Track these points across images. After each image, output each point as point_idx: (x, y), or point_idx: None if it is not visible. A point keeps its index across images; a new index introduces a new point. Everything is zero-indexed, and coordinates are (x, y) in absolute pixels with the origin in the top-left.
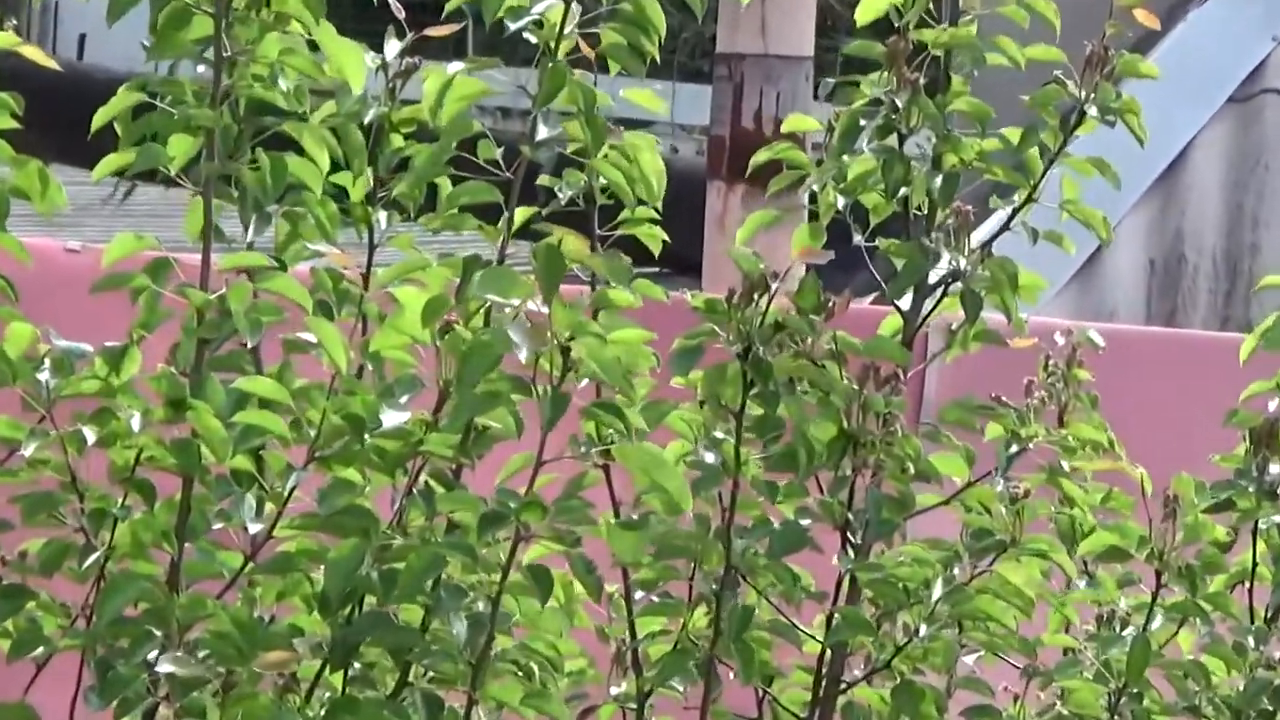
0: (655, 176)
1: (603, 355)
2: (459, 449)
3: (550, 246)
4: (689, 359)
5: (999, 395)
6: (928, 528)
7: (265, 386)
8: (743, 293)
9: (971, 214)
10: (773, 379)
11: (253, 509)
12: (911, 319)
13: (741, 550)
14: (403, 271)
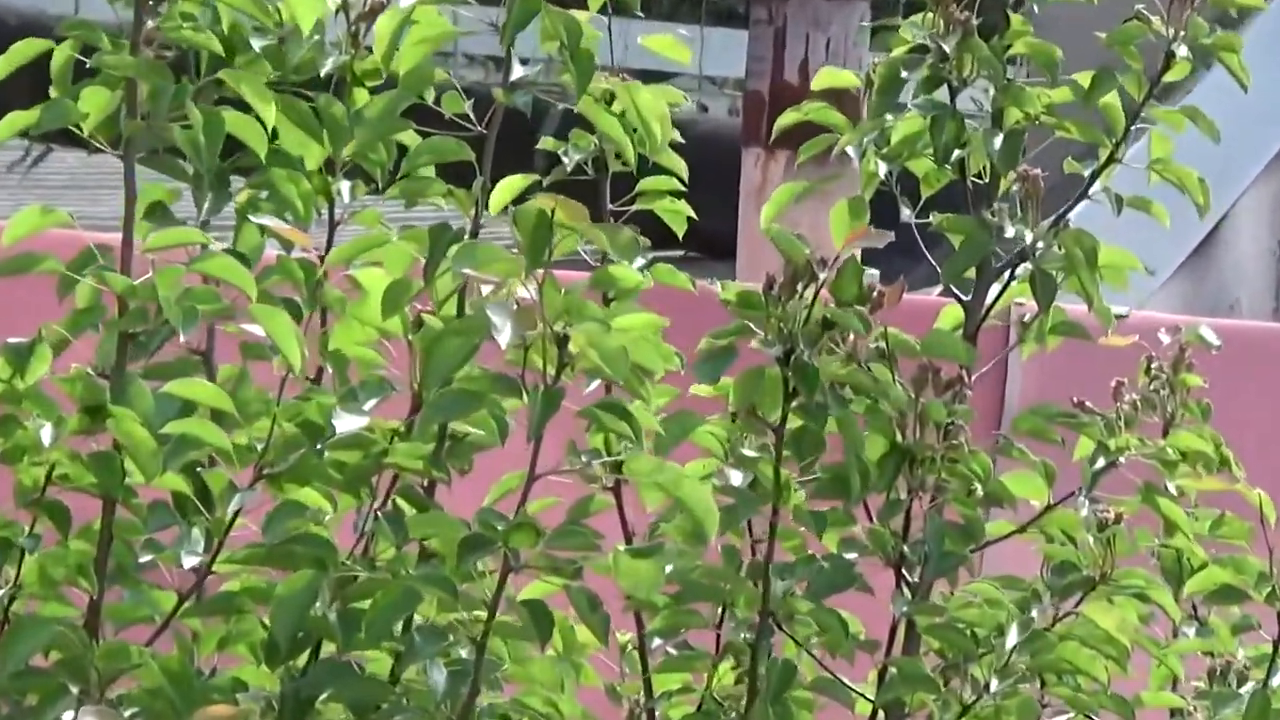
0: (656, 121)
1: (605, 344)
2: (431, 461)
3: (538, 211)
4: (718, 362)
5: (1083, 400)
6: (1000, 562)
7: (201, 390)
8: (784, 283)
9: (1041, 179)
10: (819, 387)
11: (189, 539)
12: (974, 309)
13: (780, 591)
14: (360, 249)
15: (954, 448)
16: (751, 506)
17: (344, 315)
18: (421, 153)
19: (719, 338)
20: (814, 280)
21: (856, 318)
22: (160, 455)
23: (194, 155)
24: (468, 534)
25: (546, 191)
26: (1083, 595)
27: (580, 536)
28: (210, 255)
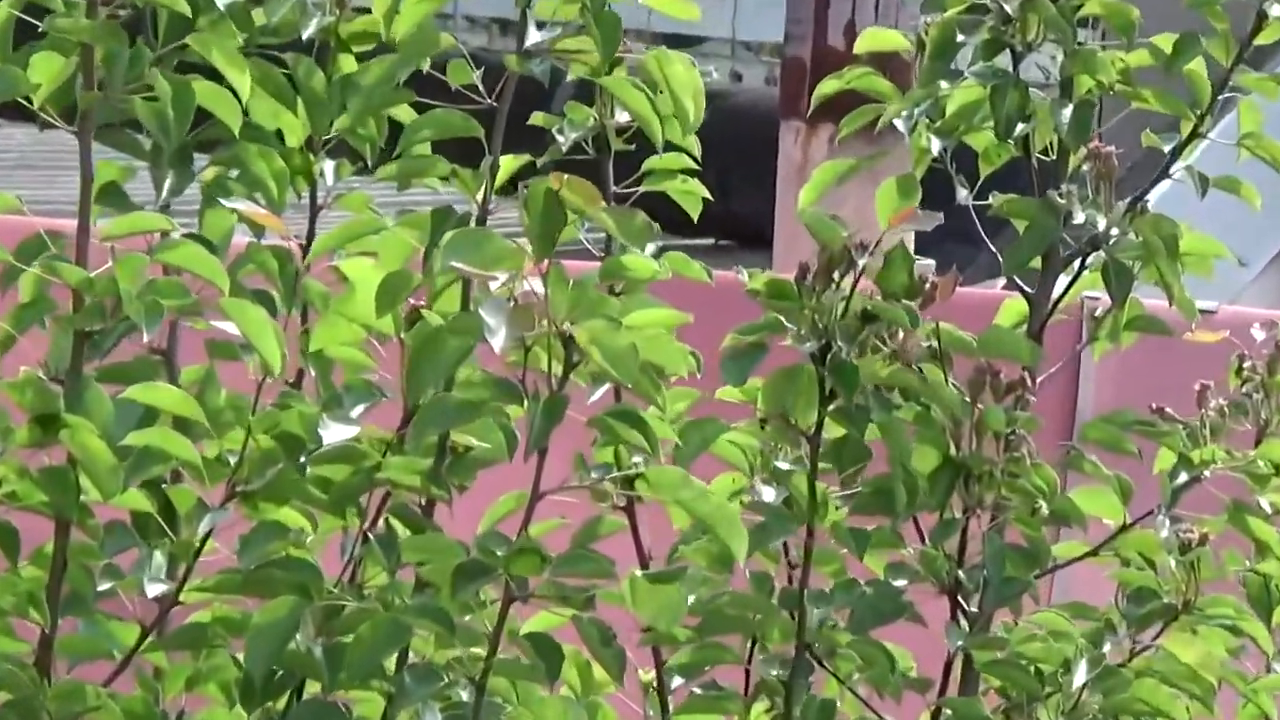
0: (691, 96)
1: (610, 342)
2: (429, 477)
3: (547, 192)
4: (746, 361)
5: (1162, 406)
6: (1068, 589)
7: (166, 396)
8: (819, 271)
9: (1115, 157)
10: (859, 389)
11: (154, 564)
12: (1040, 303)
13: (819, 622)
14: (349, 236)
15: (1016, 460)
16: (784, 525)
17: (328, 312)
18: (423, 128)
19: (747, 333)
20: (852, 268)
21: (902, 310)
22: (120, 470)
23: (159, 131)
24: (464, 560)
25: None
26: (1163, 626)
27: (591, 562)
28: (175, 243)
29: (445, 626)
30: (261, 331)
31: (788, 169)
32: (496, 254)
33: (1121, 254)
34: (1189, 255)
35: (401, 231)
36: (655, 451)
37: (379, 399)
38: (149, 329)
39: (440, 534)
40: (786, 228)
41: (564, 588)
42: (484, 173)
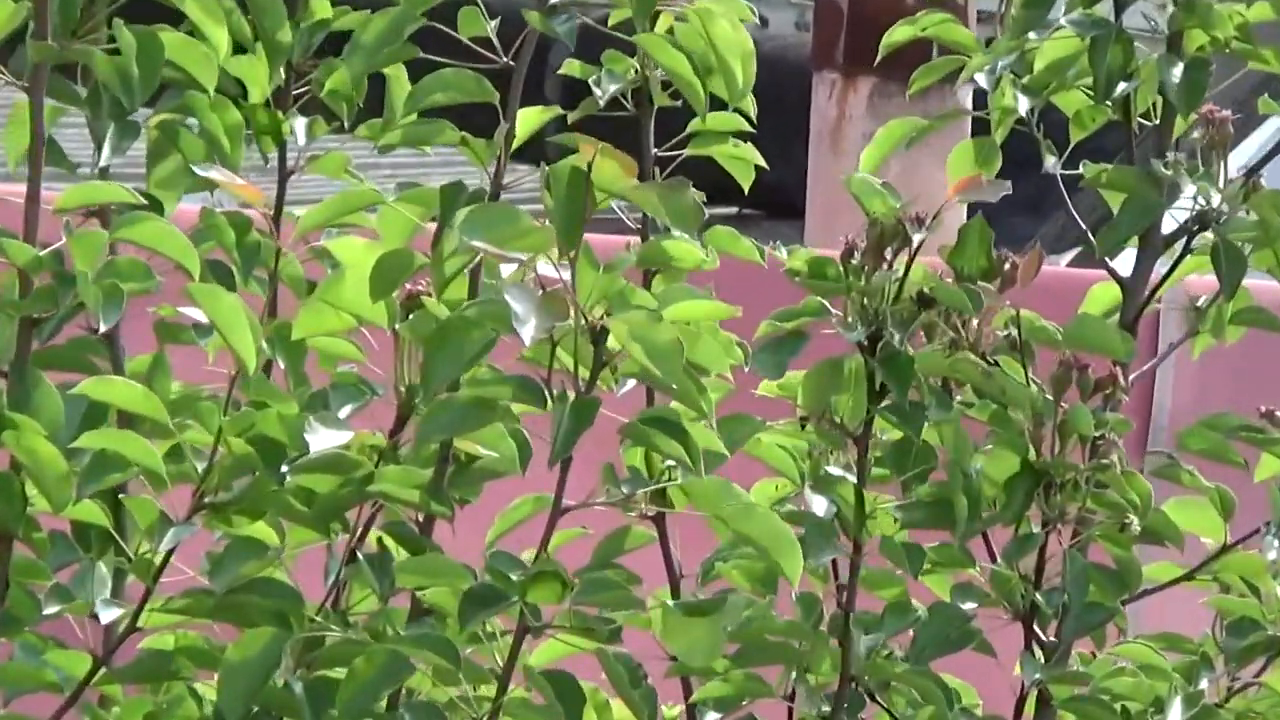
0: (739, 58)
1: (654, 338)
2: (429, 490)
3: (574, 169)
4: (784, 352)
5: (1272, 409)
6: (1160, 617)
7: (125, 392)
8: (868, 248)
9: (1231, 124)
10: (915, 384)
11: (107, 584)
12: (1136, 289)
13: (867, 651)
14: (341, 210)
15: (1103, 468)
16: (827, 542)
17: (312, 298)
18: (432, 90)
19: (785, 319)
20: (907, 244)
21: (963, 293)
22: (72, 478)
23: (122, 89)
24: (474, 586)
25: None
26: (1268, 661)
27: (618, 591)
28: (138, 219)
29: (450, 660)
30: (235, 321)
31: (821, 127)
32: (520, 234)
33: (1234, 235)
34: None
35: (403, 207)
36: (697, 464)
37: (369, 399)
38: (107, 319)
39: (442, 555)
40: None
41: (587, 618)
42: (498, 141)
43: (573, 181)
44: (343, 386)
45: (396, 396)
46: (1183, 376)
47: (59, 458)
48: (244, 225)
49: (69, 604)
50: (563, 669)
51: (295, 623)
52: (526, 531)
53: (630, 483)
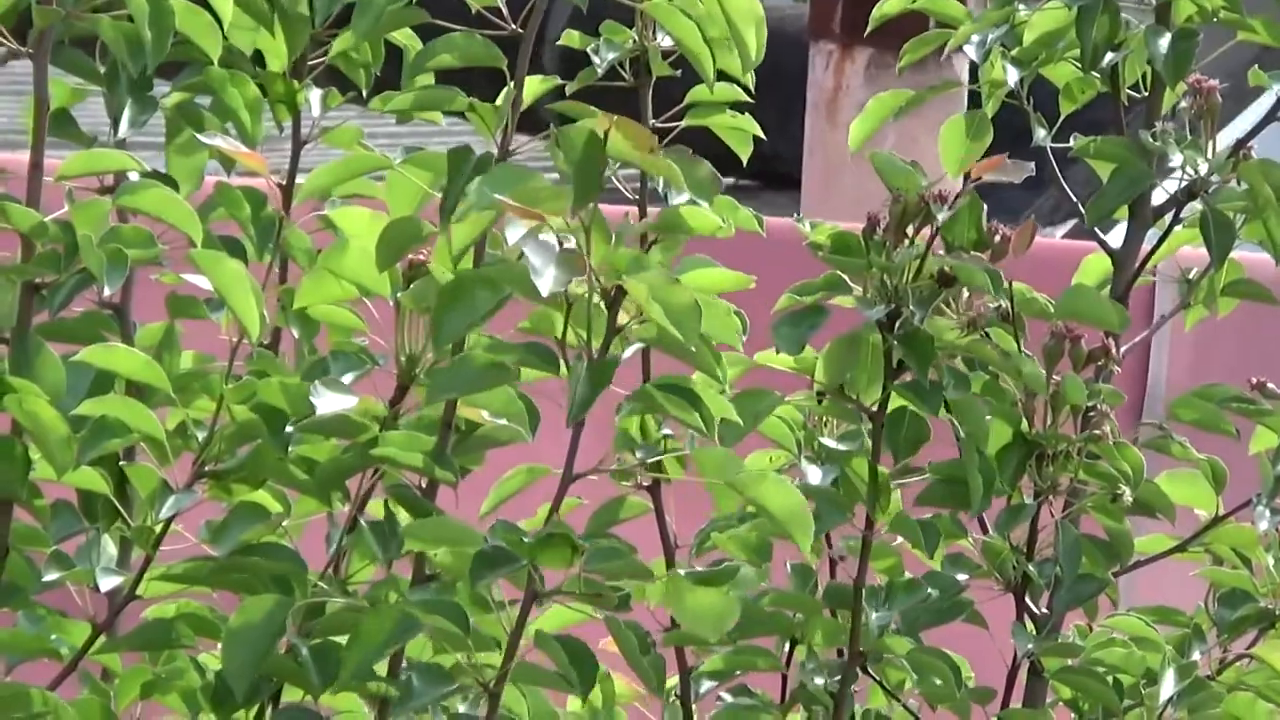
0: (752, 26)
1: (674, 299)
2: (434, 456)
3: (590, 134)
4: (805, 326)
5: (1263, 381)
6: (1152, 589)
7: (126, 359)
8: (891, 225)
9: (1220, 95)
10: (935, 361)
11: (108, 553)
12: (1127, 260)
13: (878, 626)
14: (345, 175)
15: (1096, 439)
16: (837, 514)
17: (314, 267)
18: (439, 52)
19: (805, 293)
20: (930, 221)
21: (984, 273)
22: (74, 444)
23: (131, 58)
24: (484, 548)
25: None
26: (1259, 633)
27: (627, 559)
28: (141, 186)
29: (459, 624)
30: (238, 288)
31: (818, 98)
32: (536, 195)
33: (1224, 206)
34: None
35: (411, 172)
36: (712, 432)
37: (371, 367)
38: (110, 283)
39: (450, 518)
40: (818, 166)
41: (597, 585)
42: (505, 108)
43: (589, 146)
44: (343, 355)
45: (396, 366)
46: (1178, 348)
47: (61, 421)
48: (259, 200)
49: (69, 571)
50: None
51: (298, 588)
52: (518, 502)
53: (646, 449)
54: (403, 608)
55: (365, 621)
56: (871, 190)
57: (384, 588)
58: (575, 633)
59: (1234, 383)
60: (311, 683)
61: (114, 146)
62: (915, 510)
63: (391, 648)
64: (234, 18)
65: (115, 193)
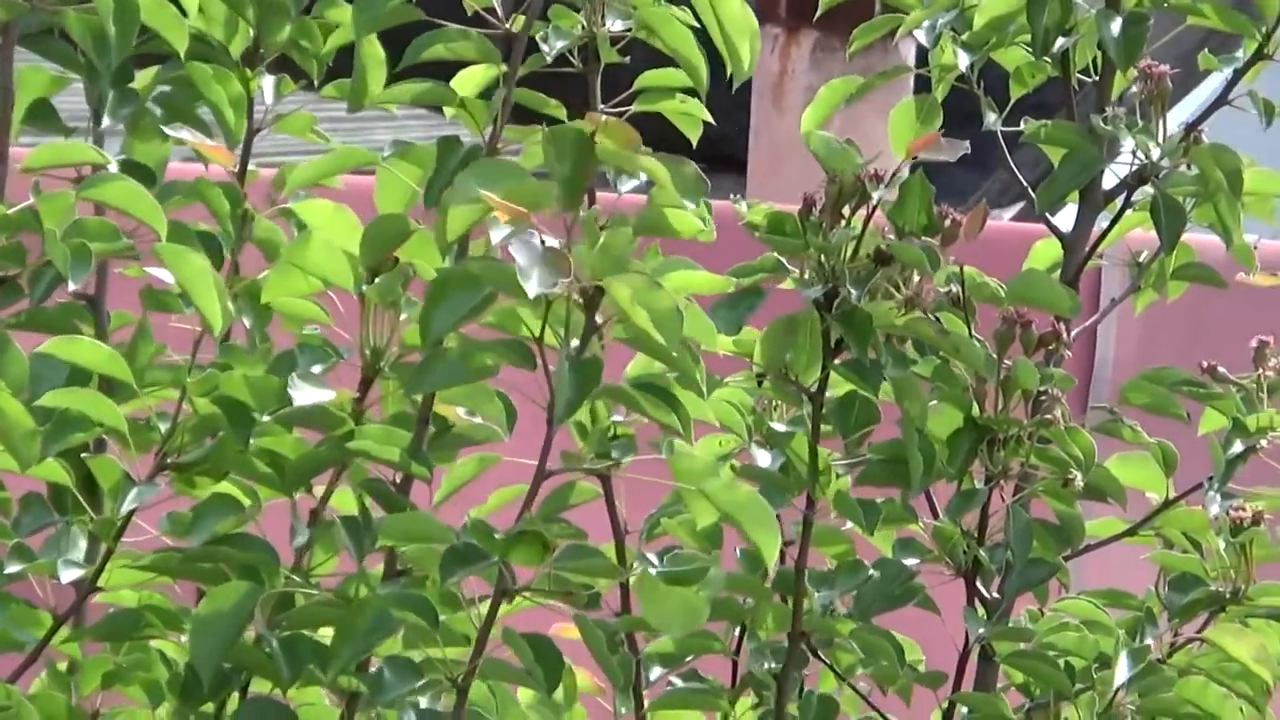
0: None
1: (656, 304)
2: (410, 452)
3: (579, 133)
4: (743, 308)
5: (1214, 364)
6: (1103, 573)
7: (90, 352)
8: (827, 205)
9: (1170, 79)
10: (873, 340)
11: (72, 544)
12: (1077, 245)
13: (821, 608)
14: (332, 169)
15: (1047, 424)
16: (781, 497)
17: (279, 261)
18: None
19: (742, 275)
20: (866, 201)
21: (921, 252)
22: (38, 437)
23: (97, 52)
24: (456, 544)
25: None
26: (1209, 617)
27: (597, 558)
28: (106, 179)
29: (428, 619)
30: (202, 283)
31: (764, 81)
32: (523, 192)
33: (1175, 190)
34: (1247, 194)
35: (400, 165)
36: (689, 435)
37: (335, 361)
38: (74, 277)
39: (425, 514)
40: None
41: (567, 582)
42: (496, 104)
43: (579, 147)
44: (309, 348)
45: (361, 359)
46: (1125, 331)
47: (25, 414)
48: (237, 196)
49: (30, 563)
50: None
51: (269, 578)
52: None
53: (617, 447)
54: (380, 604)
55: (352, 615)
56: (817, 172)
57: (354, 582)
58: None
59: (1181, 364)
60: (281, 675)
61: (94, 137)
62: (858, 491)
63: (374, 641)
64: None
65: (80, 186)
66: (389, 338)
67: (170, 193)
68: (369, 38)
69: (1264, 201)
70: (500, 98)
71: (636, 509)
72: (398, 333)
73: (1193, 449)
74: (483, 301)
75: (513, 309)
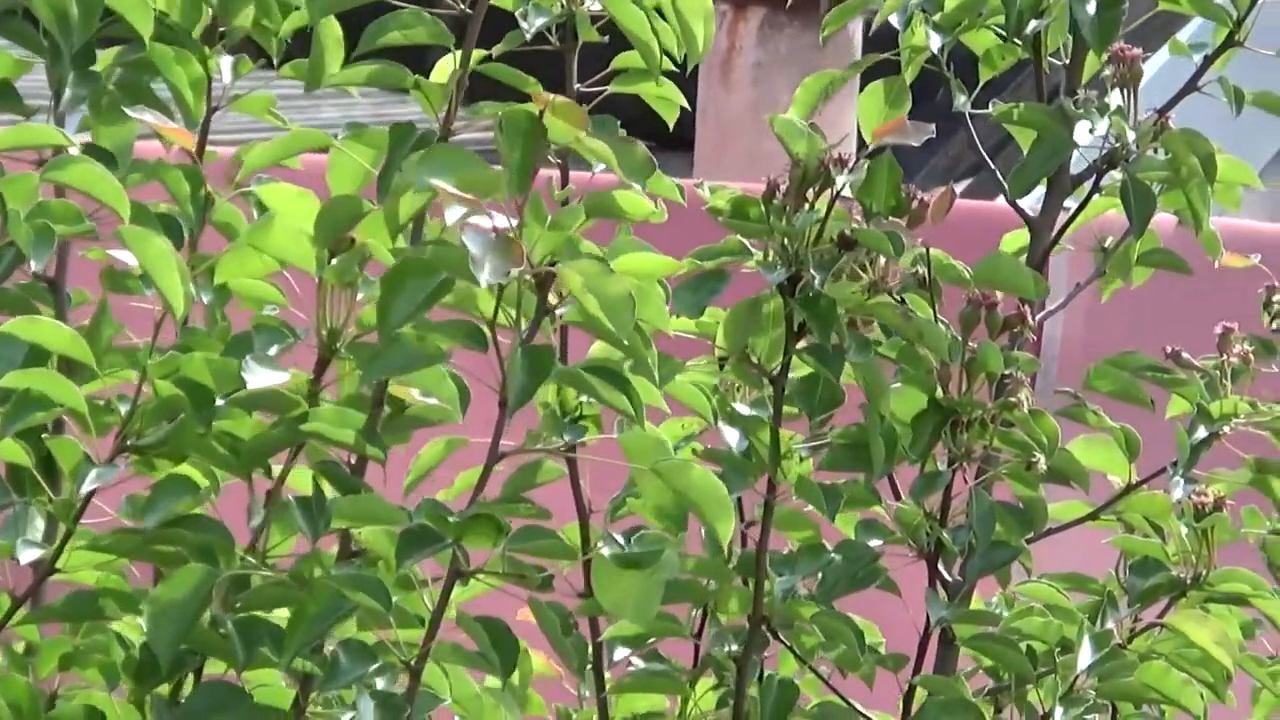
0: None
1: (608, 290)
2: (365, 433)
3: (529, 116)
4: (705, 291)
5: (1178, 350)
6: (1065, 556)
7: (51, 333)
8: (790, 189)
9: (1141, 62)
10: (836, 324)
11: (39, 527)
12: (1044, 229)
13: (782, 592)
14: (286, 152)
15: (1010, 407)
16: (743, 480)
17: (237, 241)
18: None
19: (705, 257)
20: (829, 185)
21: (885, 237)
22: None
23: (59, 31)
24: (411, 527)
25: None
26: (1170, 601)
27: (551, 539)
28: (69, 161)
29: (382, 601)
30: (164, 266)
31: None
32: (475, 179)
33: (1145, 175)
34: (1220, 182)
35: (354, 147)
36: (640, 418)
37: (292, 342)
38: (37, 258)
39: (378, 496)
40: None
41: (521, 565)
42: (451, 86)
43: (528, 129)
44: (266, 329)
45: (318, 340)
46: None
47: None
48: (197, 178)
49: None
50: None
51: (224, 560)
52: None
53: (571, 430)
54: (335, 586)
55: (307, 600)
56: (765, 150)
57: (309, 563)
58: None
59: (1126, 341)
60: (236, 657)
61: (54, 118)
62: (821, 475)
63: (329, 625)
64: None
65: (44, 168)
66: (346, 318)
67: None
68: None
69: (1230, 190)
70: (455, 79)
71: (610, 489)
72: (354, 313)
73: (1156, 433)
74: (440, 287)
75: (471, 291)
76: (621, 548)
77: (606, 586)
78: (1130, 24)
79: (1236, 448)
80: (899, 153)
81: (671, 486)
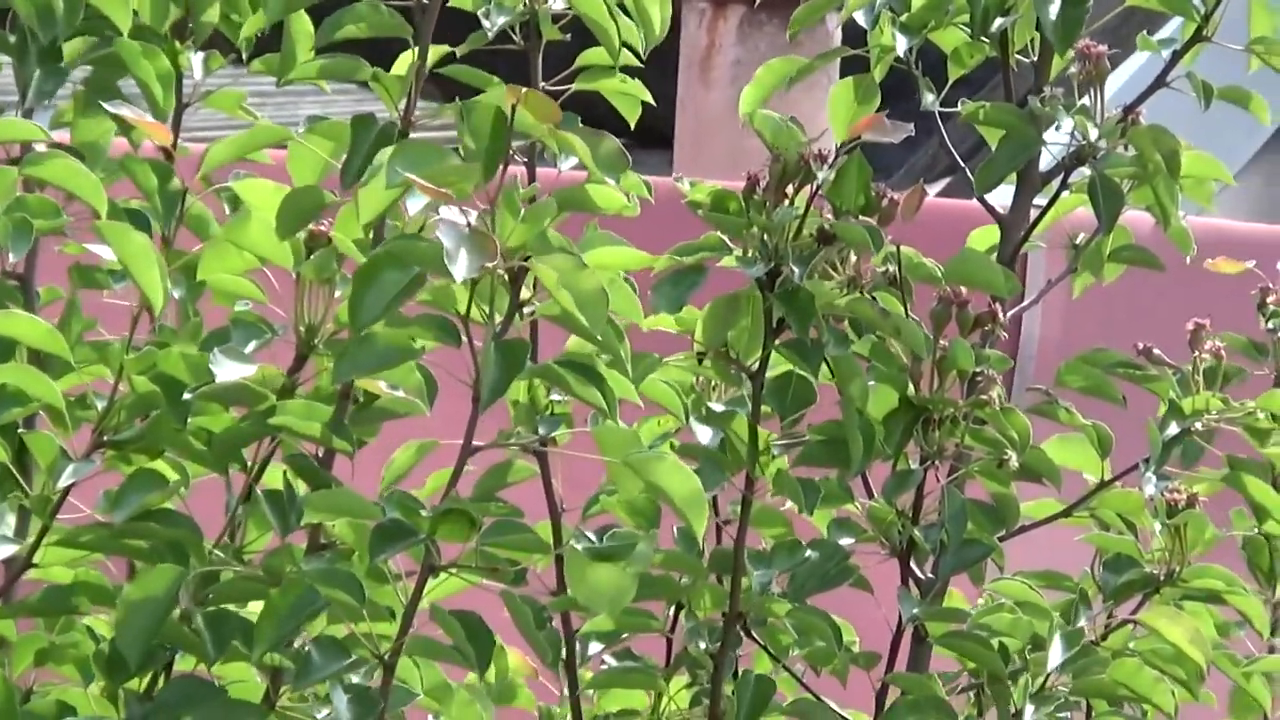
0: (657, 4)
1: (581, 285)
2: (332, 427)
3: (497, 109)
4: (684, 287)
5: (1150, 346)
6: (1037, 554)
7: (27, 326)
8: (770, 184)
9: (1108, 59)
10: (815, 320)
11: (10, 523)
12: (1014, 226)
13: (760, 588)
14: (249, 147)
15: (982, 404)
16: (720, 474)
17: (215, 238)
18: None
19: (685, 253)
20: (810, 180)
21: (864, 231)
22: None
23: (41, 26)
24: (383, 521)
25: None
26: (1144, 599)
27: (524, 533)
28: (46, 156)
29: (354, 595)
30: (143, 261)
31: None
32: (445, 172)
33: (1113, 172)
34: (1185, 177)
35: (315, 140)
36: (613, 413)
37: (269, 337)
38: (15, 251)
39: (349, 490)
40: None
41: (494, 558)
42: (410, 78)
43: (495, 122)
44: (243, 324)
45: (295, 335)
46: (1049, 307)
47: None
48: (166, 172)
49: None
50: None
51: (195, 556)
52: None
53: (546, 423)
54: (306, 581)
55: (277, 596)
56: (744, 147)
57: (280, 558)
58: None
59: (1103, 339)
60: (206, 652)
61: (22, 115)
62: (798, 472)
63: (300, 620)
64: None
65: (22, 162)
66: (323, 314)
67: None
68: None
69: (1201, 185)
70: (413, 71)
71: (583, 489)
72: (332, 309)
73: (1128, 430)
74: (412, 283)
75: (443, 286)
76: (594, 543)
77: (579, 580)
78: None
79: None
80: (880, 150)
81: (644, 479)
